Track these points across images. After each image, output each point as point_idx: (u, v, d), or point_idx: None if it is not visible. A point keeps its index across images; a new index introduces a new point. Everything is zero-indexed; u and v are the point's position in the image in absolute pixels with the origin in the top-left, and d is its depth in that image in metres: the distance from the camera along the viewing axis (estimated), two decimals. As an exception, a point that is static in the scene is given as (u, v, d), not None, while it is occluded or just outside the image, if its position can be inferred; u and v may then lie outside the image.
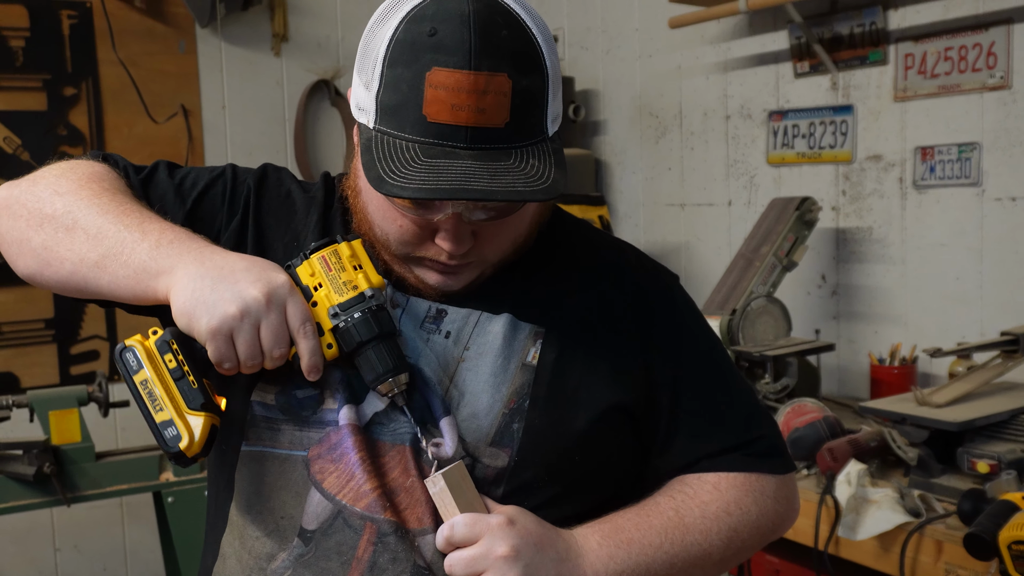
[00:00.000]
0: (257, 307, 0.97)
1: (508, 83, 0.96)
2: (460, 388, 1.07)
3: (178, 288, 0.99)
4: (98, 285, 1.05)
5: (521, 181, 0.95)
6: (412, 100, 0.96)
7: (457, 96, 0.94)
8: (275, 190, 1.19)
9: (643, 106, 3.54)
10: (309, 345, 1.00)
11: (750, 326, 2.56)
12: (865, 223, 2.80)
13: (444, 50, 0.95)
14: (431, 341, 1.09)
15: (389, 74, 0.97)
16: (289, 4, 3.61)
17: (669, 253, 3.45)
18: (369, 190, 1.05)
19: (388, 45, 0.97)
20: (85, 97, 3.31)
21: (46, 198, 1.08)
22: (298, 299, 1.00)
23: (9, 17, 3.19)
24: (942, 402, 1.98)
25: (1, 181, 1.19)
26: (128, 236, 1.03)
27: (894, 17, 2.68)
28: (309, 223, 1.16)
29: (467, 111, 0.95)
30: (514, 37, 0.97)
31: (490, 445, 1.06)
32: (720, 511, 1.12)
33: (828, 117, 2.88)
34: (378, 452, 1.05)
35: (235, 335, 0.97)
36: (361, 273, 1.03)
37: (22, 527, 3.20)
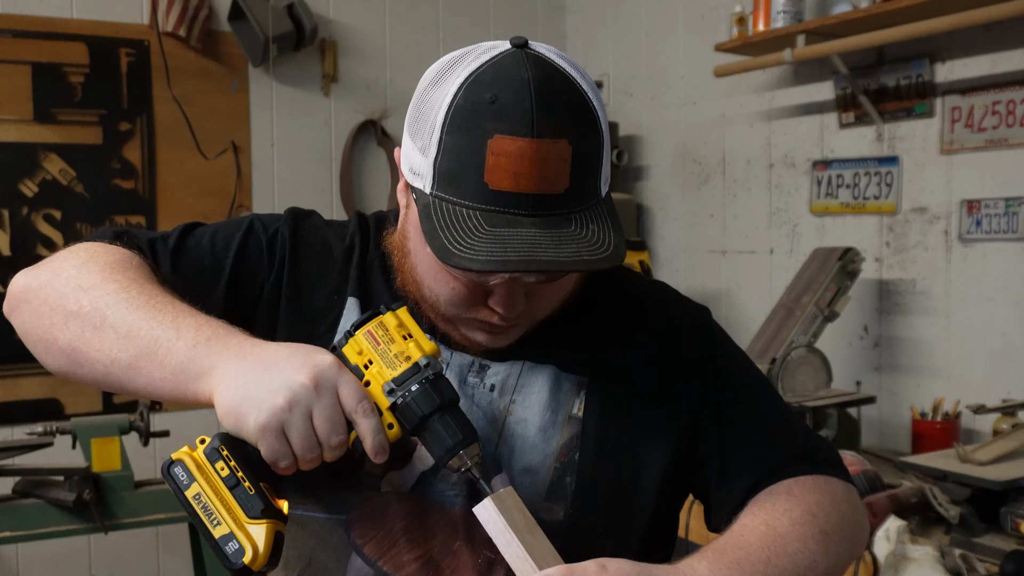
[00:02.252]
0: (306, 394, 0.89)
1: (569, 149, 0.95)
2: (510, 443, 1.06)
3: (221, 388, 0.92)
4: (134, 386, 0.99)
5: (585, 249, 0.94)
6: (473, 167, 0.94)
7: (520, 164, 0.93)
8: (310, 238, 1.16)
9: (686, 152, 3.55)
10: (371, 424, 0.92)
11: (790, 376, 2.54)
12: (909, 275, 2.78)
13: (506, 117, 0.93)
14: (476, 396, 1.07)
15: (448, 140, 0.95)
16: (340, 46, 3.68)
17: (709, 300, 3.44)
18: (420, 251, 1.03)
19: (447, 111, 0.95)
20: (139, 132, 3.39)
21: (70, 293, 1.01)
22: (350, 378, 0.93)
23: (71, 54, 3.28)
24: (985, 460, 1.95)
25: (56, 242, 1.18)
26: (162, 335, 0.96)
27: (941, 70, 2.67)
28: (349, 274, 1.13)
29: (529, 179, 0.93)
30: (573, 103, 0.97)
31: (545, 500, 1.05)
32: (805, 513, 1.07)
33: (873, 168, 2.87)
34: (425, 514, 1.04)
35: (287, 429, 0.89)
36: (412, 342, 0.96)
37: (60, 553, 3.24)
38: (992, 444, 2.05)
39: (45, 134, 3.26)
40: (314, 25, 3.48)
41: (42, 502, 2.52)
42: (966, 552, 1.88)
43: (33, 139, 3.24)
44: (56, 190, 3.27)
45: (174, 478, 0.91)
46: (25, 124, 3.23)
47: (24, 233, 3.23)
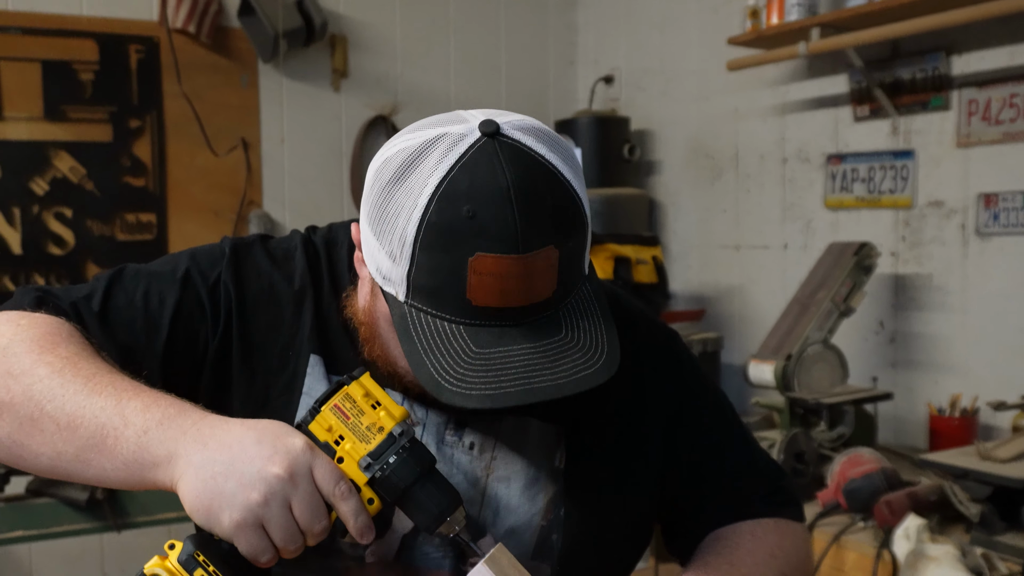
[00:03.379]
0: (282, 485, 0.83)
1: (556, 254, 0.89)
2: (493, 505, 1.03)
3: (186, 480, 0.84)
4: (84, 477, 0.90)
5: (581, 361, 0.89)
6: (454, 285, 0.88)
7: (506, 282, 0.87)
8: (255, 284, 1.06)
9: (699, 147, 3.53)
10: (351, 507, 0.86)
11: (805, 372, 2.52)
12: (925, 270, 2.75)
13: (487, 235, 0.86)
14: (455, 457, 1.03)
15: (423, 257, 0.88)
16: (350, 41, 3.66)
17: (722, 295, 3.42)
18: (396, 347, 0.96)
19: (419, 226, 0.88)
20: (149, 129, 3.38)
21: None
22: (324, 460, 0.86)
23: (80, 50, 3.27)
24: (1006, 457, 1.93)
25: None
26: (107, 422, 0.87)
27: (957, 63, 2.65)
28: (302, 325, 1.05)
29: (516, 294, 0.88)
30: (557, 203, 0.90)
31: (532, 559, 1.03)
32: (767, 555, 1.11)
33: (888, 162, 2.85)
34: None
35: (266, 524, 0.83)
36: (382, 410, 0.90)
37: (73, 551, 3.24)
38: (1013, 441, 2.02)
39: (55, 132, 3.25)
40: (324, 20, 3.46)
41: (55, 501, 2.52)
42: (987, 551, 1.86)
43: (43, 137, 3.23)
44: (66, 188, 3.27)
45: None
46: (35, 122, 3.22)
47: (35, 231, 3.23)
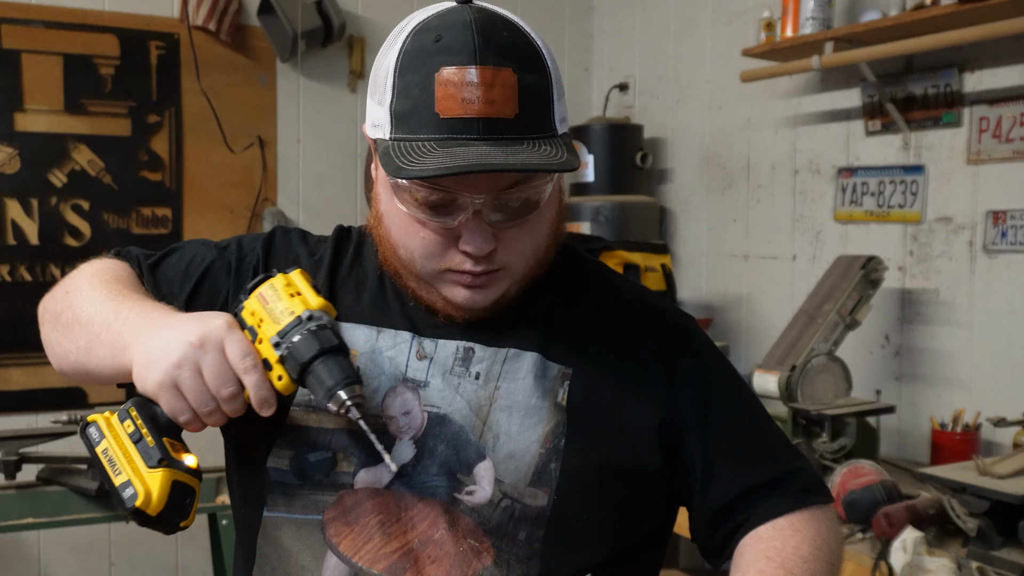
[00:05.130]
0: (193, 352, 0.96)
1: (514, 77, 0.99)
2: (495, 430, 1.07)
3: (135, 354, 1.00)
4: (88, 369, 1.09)
5: (536, 158, 0.97)
6: (424, 102, 0.99)
7: (466, 89, 0.97)
8: (282, 255, 1.20)
9: (711, 156, 3.55)
10: (252, 379, 0.97)
11: (809, 383, 2.54)
12: (932, 285, 2.77)
13: (450, 51, 0.99)
14: (461, 386, 1.09)
15: (400, 83, 1.01)
16: (367, 42, 3.69)
17: (730, 304, 3.44)
18: (390, 208, 1.07)
19: (397, 58, 1.02)
20: (167, 125, 3.42)
21: (60, 299, 1.14)
22: (236, 336, 0.98)
23: (102, 46, 3.32)
24: (1004, 473, 1.94)
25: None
26: (108, 318, 1.06)
27: (970, 80, 2.66)
28: (317, 283, 1.16)
29: (477, 103, 0.97)
30: (515, 40, 1.02)
31: (529, 485, 1.06)
32: (814, 549, 1.09)
33: (898, 176, 2.86)
34: (404, 507, 1.05)
35: (179, 385, 0.96)
36: (299, 298, 1.01)
37: (81, 540, 3.28)
38: (1012, 457, 2.04)
39: (75, 125, 3.29)
40: (342, 21, 3.50)
41: (65, 489, 2.55)
42: (983, 565, 1.87)
43: (63, 130, 3.28)
44: (84, 180, 3.31)
45: (88, 437, 1.00)
46: (56, 114, 3.27)
47: (52, 222, 3.27)
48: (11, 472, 2.52)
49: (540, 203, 1.05)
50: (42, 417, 3.20)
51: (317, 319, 0.99)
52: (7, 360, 3.24)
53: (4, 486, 2.54)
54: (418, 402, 1.09)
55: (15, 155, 3.22)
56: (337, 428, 1.09)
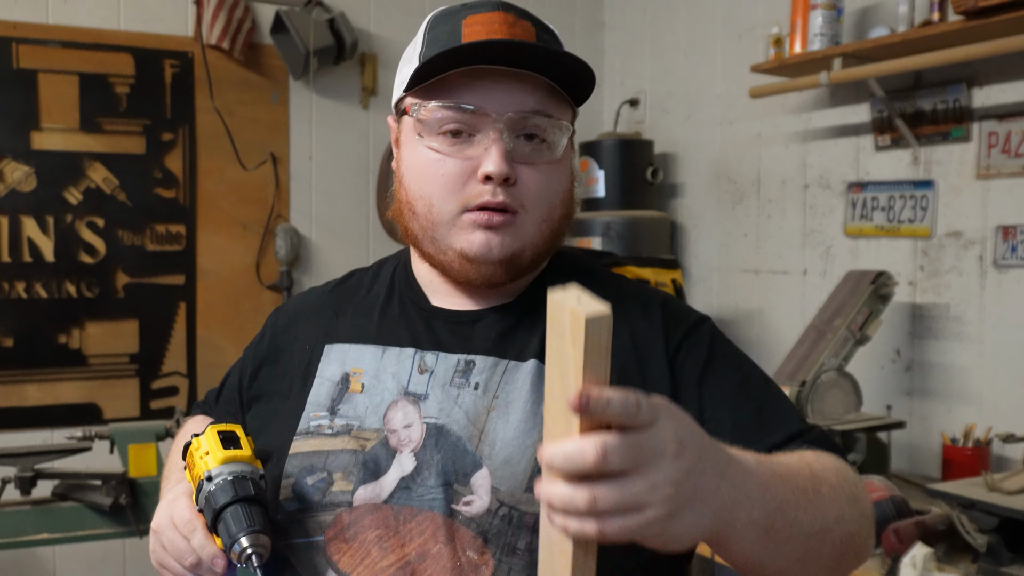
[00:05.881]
0: (155, 537, 1.08)
1: (533, 28, 1.10)
2: (491, 438, 1.07)
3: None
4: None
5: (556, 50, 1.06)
6: (451, 41, 1.08)
7: (490, 26, 1.07)
8: (287, 310, 1.34)
9: (721, 171, 3.56)
10: (197, 541, 1.04)
11: (819, 399, 2.54)
12: (943, 300, 2.77)
13: (474, 8, 1.10)
14: (460, 397, 1.10)
15: (428, 37, 1.11)
16: (380, 59, 3.72)
17: (741, 319, 3.44)
18: (412, 164, 1.13)
19: (427, 24, 1.14)
20: (181, 142, 3.46)
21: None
22: (180, 505, 1.07)
23: (117, 64, 3.36)
24: (1014, 489, 1.94)
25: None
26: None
27: (979, 95, 2.67)
28: (324, 324, 1.27)
29: (500, 33, 1.07)
30: (536, 18, 1.13)
31: (526, 491, 1.04)
32: (839, 471, 0.98)
33: (908, 191, 2.86)
34: (402, 521, 1.06)
35: (164, 566, 1.07)
36: (206, 459, 1.06)
37: (96, 555, 3.30)
38: (1021, 473, 2.04)
39: (90, 143, 3.33)
40: (355, 39, 3.53)
41: (80, 505, 2.57)
42: (993, 582, 1.87)
43: (79, 148, 3.32)
44: (99, 198, 3.35)
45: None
46: (71, 133, 3.31)
47: (67, 239, 3.31)
48: (26, 488, 2.54)
49: (556, 150, 1.11)
50: (57, 433, 3.23)
51: (222, 474, 1.04)
52: (23, 376, 3.27)
53: (19, 502, 2.56)
54: (418, 415, 1.10)
55: (31, 173, 3.26)
56: (334, 449, 1.11)
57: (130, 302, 3.40)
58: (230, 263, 3.54)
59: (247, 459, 1.06)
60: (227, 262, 3.54)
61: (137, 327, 3.42)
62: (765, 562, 0.88)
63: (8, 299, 3.24)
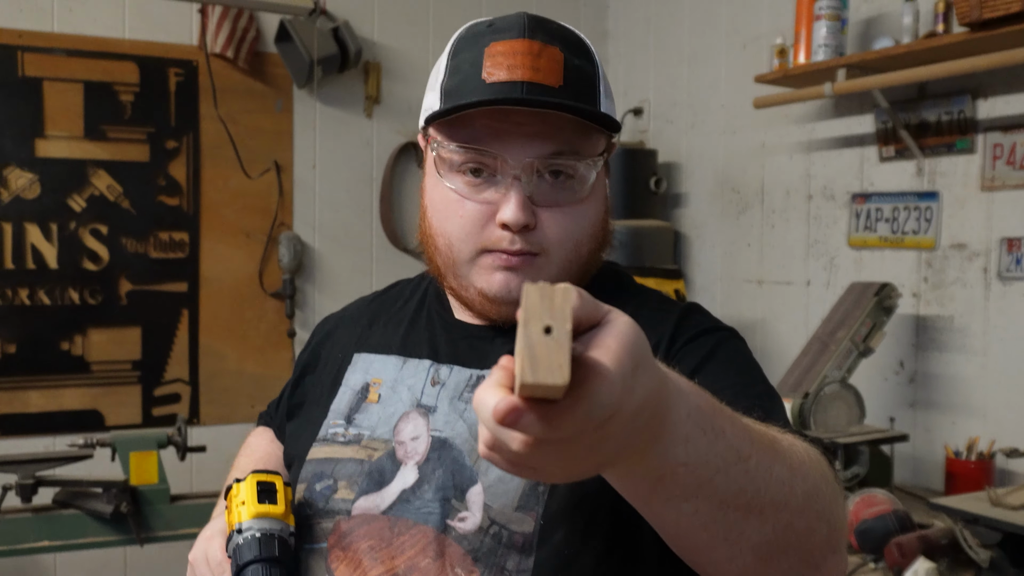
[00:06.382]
0: (192, 567, 1.13)
1: (560, 54, 1.02)
2: None
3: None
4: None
5: (574, 104, 1.00)
6: (473, 73, 1.03)
7: (513, 58, 1.01)
8: (324, 326, 1.35)
9: (725, 181, 3.56)
10: None
11: (822, 411, 2.53)
12: (947, 311, 2.76)
13: (500, 31, 1.04)
14: (467, 411, 1.09)
15: (452, 64, 1.06)
16: (383, 68, 3.73)
17: (744, 329, 3.43)
18: (434, 199, 1.10)
19: (451, 45, 1.09)
20: (185, 150, 3.46)
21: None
22: (215, 546, 1.12)
23: (122, 73, 3.37)
24: (1017, 504, 1.93)
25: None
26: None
27: (983, 106, 2.66)
28: (355, 332, 1.29)
29: (523, 69, 1.00)
30: (565, 32, 1.07)
31: (516, 510, 1.02)
32: (812, 461, 0.84)
33: (912, 203, 2.86)
34: (397, 533, 1.05)
35: None
36: (243, 507, 1.10)
37: (97, 563, 3.30)
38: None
39: (94, 151, 3.34)
40: (359, 48, 3.54)
41: (81, 513, 2.57)
42: (996, 597, 1.86)
43: (83, 155, 3.32)
44: (103, 205, 3.35)
45: None
46: (76, 140, 3.31)
47: (71, 247, 3.31)
48: (27, 495, 2.53)
49: (583, 188, 1.06)
50: (59, 440, 3.23)
51: (251, 529, 1.07)
52: (25, 383, 3.28)
53: (20, 509, 2.56)
54: (427, 427, 1.10)
55: (36, 180, 3.26)
56: (343, 457, 1.11)
57: (133, 309, 3.40)
58: (233, 271, 3.54)
59: (280, 515, 1.09)
60: (230, 270, 3.54)
61: (140, 334, 3.42)
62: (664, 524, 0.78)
63: (11, 306, 3.25)
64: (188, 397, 3.49)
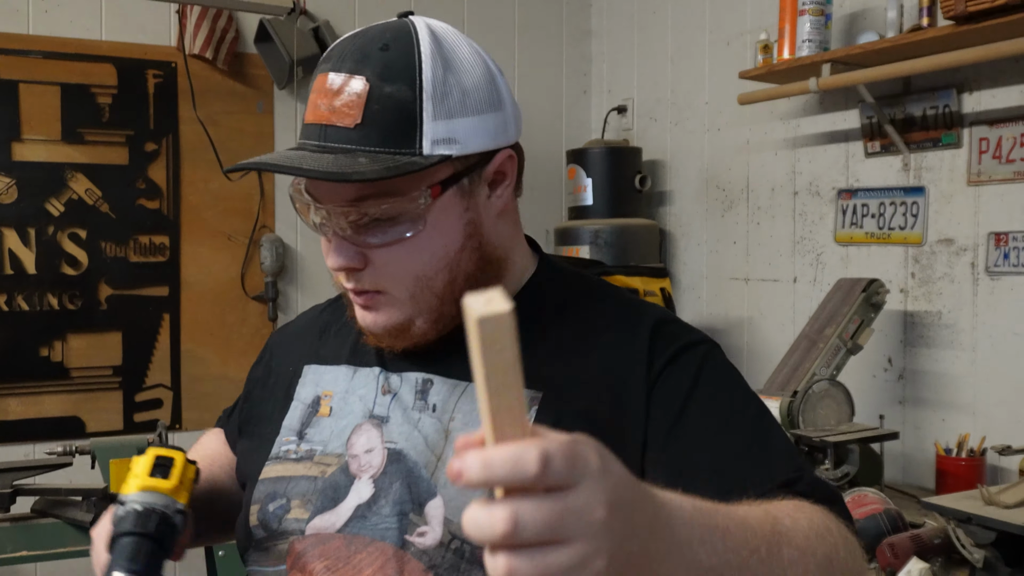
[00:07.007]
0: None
1: (365, 86, 0.96)
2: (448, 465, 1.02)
3: None
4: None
5: (348, 168, 0.92)
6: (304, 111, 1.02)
7: (319, 96, 0.98)
8: (278, 335, 1.35)
9: (710, 179, 3.53)
10: (96, 558, 1.07)
11: (811, 410, 2.51)
12: (935, 307, 2.74)
13: (328, 58, 1.00)
14: (421, 421, 1.05)
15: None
16: (365, 68, 3.70)
17: (732, 327, 3.41)
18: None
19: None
20: (165, 153, 3.41)
21: None
22: (106, 519, 1.07)
23: (99, 75, 3.32)
24: (1011, 503, 1.91)
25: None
26: None
27: (968, 100, 2.64)
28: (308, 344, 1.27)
29: (323, 109, 0.97)
30: (393, 52, 0.97)
31: None
32: (816, 528, 0.85)
33: (899, 198, 2.84)
34: (353, 551, 1.01)
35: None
36: (129, 480, 1.07)
37: (77, 572, 3.24)
38: (1018, 486, 2.00)
39: (72, 154, 3.29)
40: (340, 48, 3.50)
41: (60, 522, 2.52)
42: (989, 596, 1.84)
43: (60, 159, 3.27)
44: (82, 209, 3.30)
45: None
46: (53, 144, 3.26)
47: (50, 252, 3.26)
48: (5, 505, 2.48)
49: (411, 225, 0.98)
50: (39, 447, 3.18)
51: (130, 501, 1.04)
52: (4, 390, 3.23)
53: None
54: (380, 439, 1.05)
55: (12, 185, 3.21)
56: (296, 475, 1.07)
57: (113, 314, 3.36)
58: (215, 274, 3.50)
59: (168, 491, 1.04)
60: (212, 273, 3.49)
61: (120, 339, 3.37)
62: None
63: (-11, 312, 3.20)
64: (170, 402, 3.44)
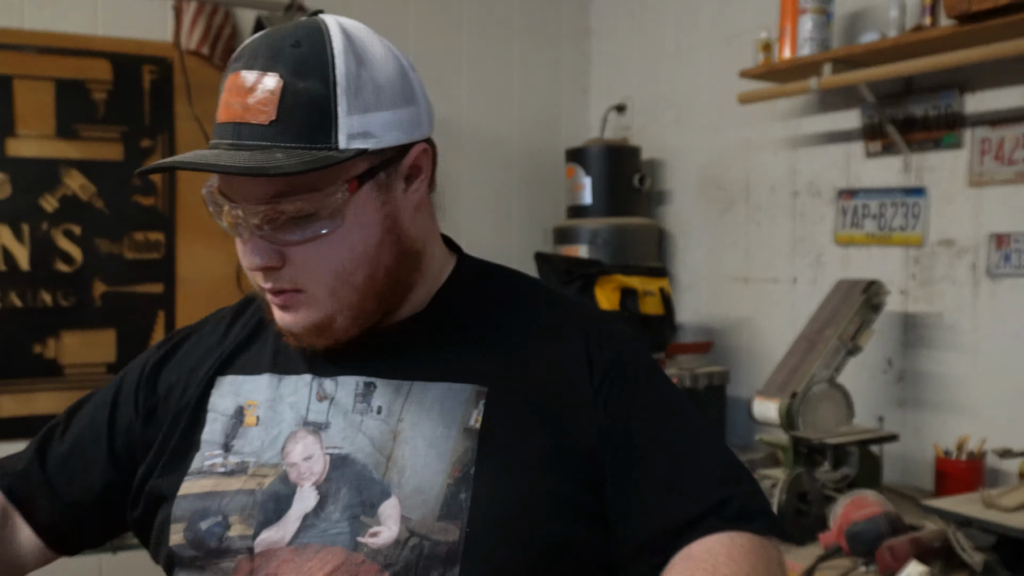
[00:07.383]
0: None
1: (279, 83, 0.95)
2: (400, 464, 1.00)
3: None
4: None
5: (264, 162, 0.91)
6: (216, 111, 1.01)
7: (232, 95, 0.97)
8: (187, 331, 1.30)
9: (709, 178, 3.51)
10: None
11: (810, 411, 2.49)
12: (935, 308, 2.72)
13: (239, 57, 0.99)
14: (364, 423, 1.04)
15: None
16: (363, 65, 3.67)
17: (731, 327, 3.39)
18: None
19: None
20: (160, 149, 3.39)
21: None
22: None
23: (94, 70, 3.29)
24: (1011, 506, 1.89)
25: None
26: None
27: (971, 101, 2.62)
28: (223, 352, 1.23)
29: (236, 107, 0.96)
30: (305, 49, 0.97)
31: (439, 519, 0.97)
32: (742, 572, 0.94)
33: (899, 199, 2.82)
34: (305, 558, 0.99)
35: None
36: None
37: (70, 572, 3.21)
38: (1018, 489, 1.99)
39: (67, 150, 3.26)
40: (337, 44, 3.47)
41: (52, 522, 2.50)
42: (990, 601, 1.82)
43: (55, 155, 3.24)
44: (76, 206, 3.27)
45: None
46: (47, 140, 3.24)
47: (44, 248, 3.23)
48: (-3, 504, 2.46)
49: (330, 221, 0.97)
50: (32, 446, 3.16)
51: None
52: (-3, 388, 3.20)
53: (-10, 519, 2.49)
54: (320, 445, 1.04)
55: (6, 180, 3.19)
56: (229, 490, 1.04)
57: (107, 311, 3.33)
58: (210, 271, 3.47)
59: None
60: (207, 270, 3.47)
61: (115, 336, 3.35)
62: None
63: (-18, 309, 3.17)
64: (165, 401, 3.42)
